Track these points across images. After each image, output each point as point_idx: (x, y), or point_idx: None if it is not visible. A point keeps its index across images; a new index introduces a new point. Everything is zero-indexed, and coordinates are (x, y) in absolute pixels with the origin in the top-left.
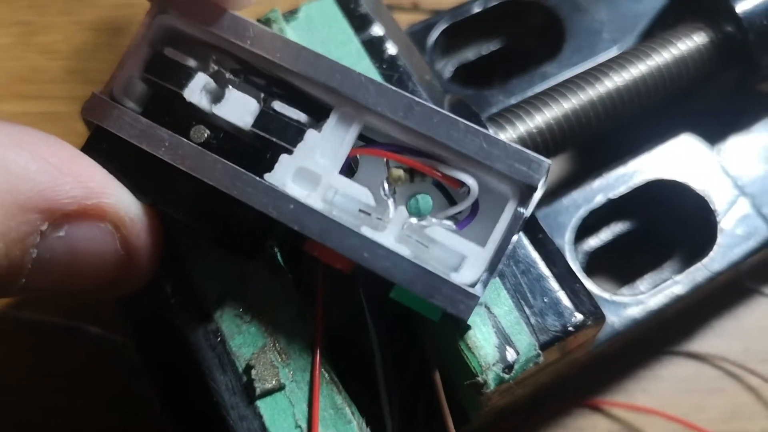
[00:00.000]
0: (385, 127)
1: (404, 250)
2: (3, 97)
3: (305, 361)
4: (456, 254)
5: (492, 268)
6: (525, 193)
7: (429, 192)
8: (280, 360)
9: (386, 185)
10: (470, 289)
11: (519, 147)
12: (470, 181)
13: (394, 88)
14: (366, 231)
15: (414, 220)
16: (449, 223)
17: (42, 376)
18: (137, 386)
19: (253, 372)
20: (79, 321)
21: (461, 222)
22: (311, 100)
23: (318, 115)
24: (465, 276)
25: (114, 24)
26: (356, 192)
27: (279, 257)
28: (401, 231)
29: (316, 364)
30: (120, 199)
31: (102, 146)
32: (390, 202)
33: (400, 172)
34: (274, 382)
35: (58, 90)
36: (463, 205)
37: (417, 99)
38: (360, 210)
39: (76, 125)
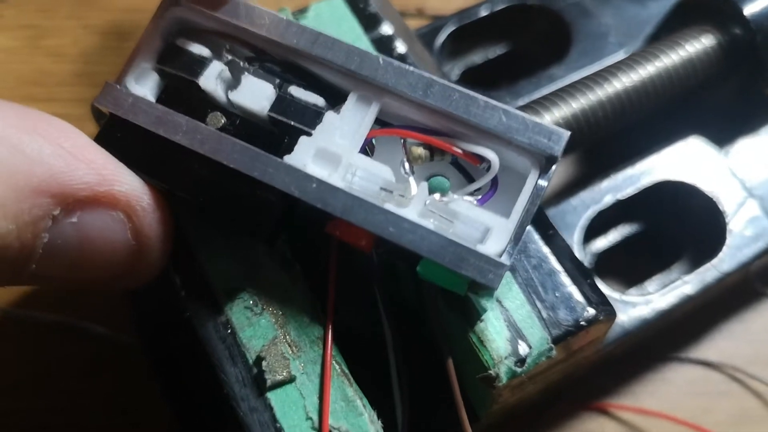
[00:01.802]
0: (403, 108)
1: (428, 225)
2: (11, 100)
3: (316, 353)
4: (481, 226)
5: (517, 239)
6: (545, 164)
7: (447, 171)
8: (290, 352)
9: (406, 164)
10: (498, 259)
11: (538, 120)
12: (491, 156)
13: (411, 68)
14: (389, 207)
15: (437, 196)
16: (471, 198)
17: (44, 376)
18: (141, 386)
19: (264, 364)
20: (83, 320)
21: (482, 197)
22: (328, 85)
23: (335, 99)
24: (491, 247)
25: (121, 28)
26: (377, 170)
27: (289, 251)
28: (424, 207)
29: (327, 356)
30: (133, 188)
31: (117, 134)
32: (411, 179)
33: (420, 150)
34: (284, 374)
35: (66, 93)
36: (484, 181)
37: (435, 78)
38: (381, 188)
39: (85, 127)
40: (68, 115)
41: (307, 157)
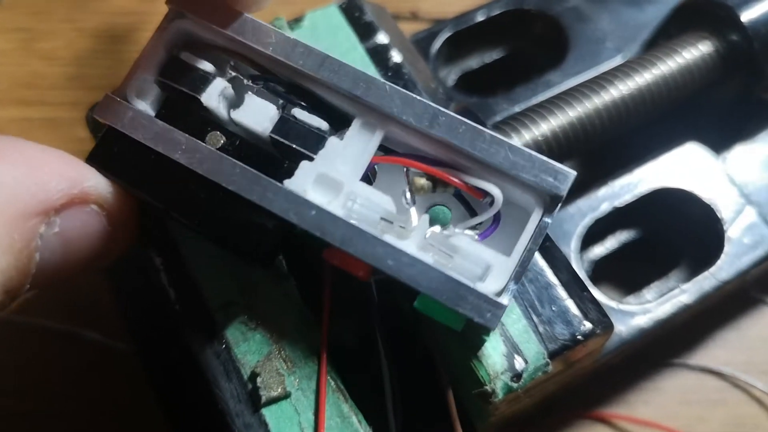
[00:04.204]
0: (407, 137)
1: (428, 259)
2: (4, 103)
3: (311, 369)
4: (481, 263)
5: (517, 278)
6: (549, 203)
7: (449, 202)
8: (285, 368)
9: (408, 194)
10: (497, 298)
11: (544, 158)
12: (495, 191)
13: (419, 97)
14: (389, 239)
15: (437, 228)
16: (472, 233)
17: (39, 382)
18: (136, 393)
19: (259, 380)
20: (79, 327)
21: (483, 232)
22: (332, 108)
23: (339, 123)
24: (490, 285)
25: (114, 31)
26: (378, 199)
27: (284, 265)
28: (424, 240)
29: (322, 372)
30: (98, 181)
31: (113, 148)
32: (412, 210)
33: (423, 181)
34: (279, 389)
35: (59, 96)
36: (486, 216)
37: (442, 109)
38: (381, 218)
39: (77, 131)
40: (61, 118)
41: (307, 182)
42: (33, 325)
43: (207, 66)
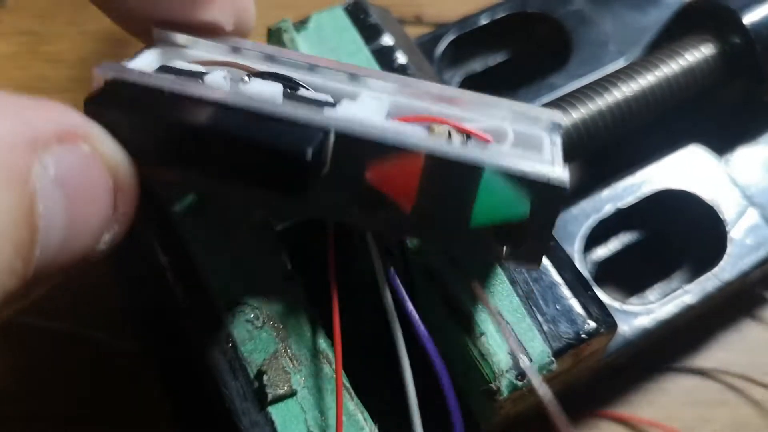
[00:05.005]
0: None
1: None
2: None
3: (317, 367)
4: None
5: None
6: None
7: None
8: (291, 366)
9: None
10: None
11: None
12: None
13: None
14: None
15: None
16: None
17: (45, 383)
18: (142, 394)
19: (265, 378)
20: (84, 327)
21: None
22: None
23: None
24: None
25: (119, 35)
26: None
27: (289, 263)
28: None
29: (338, 364)
30: (92, 125)
31: (116, 95)
32: None
33: (442, 129)
34: (285, 388)
35: (64, 99)
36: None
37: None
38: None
39: None
40: None
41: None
42: (37, 326)
43: (201, 68)
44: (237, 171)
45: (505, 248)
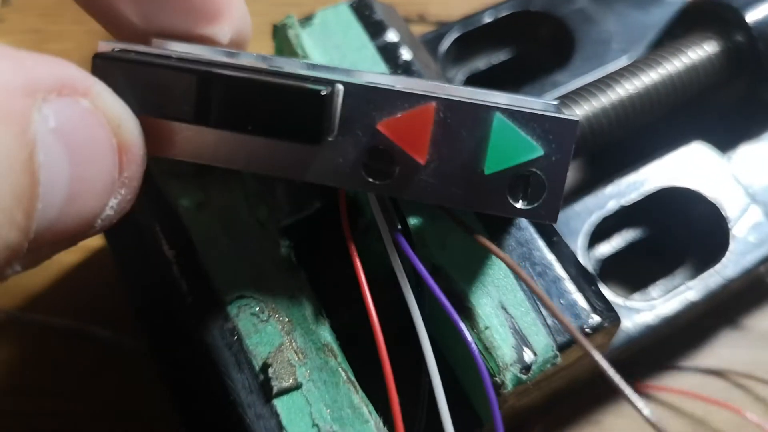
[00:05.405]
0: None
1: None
2: None
3: (322, 360)
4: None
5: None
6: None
7: None
8: (296, 359)
9: None
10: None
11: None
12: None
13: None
14: None
15: None
16: None
17: (47, 379)
18: (144, 390)
19: (270, 371)
20: (87, 323)
21: None
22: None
23: None
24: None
25: None
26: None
27: (293, 256)
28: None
29: (377, 334)
30: (95, 81)
31: (131, 53)
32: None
33: None
34: (291, 380)
35: None
36: None
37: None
38: None
39: None
40: None
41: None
42: (40, 322)
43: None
44: (252, 120)
45: (521, 203)
